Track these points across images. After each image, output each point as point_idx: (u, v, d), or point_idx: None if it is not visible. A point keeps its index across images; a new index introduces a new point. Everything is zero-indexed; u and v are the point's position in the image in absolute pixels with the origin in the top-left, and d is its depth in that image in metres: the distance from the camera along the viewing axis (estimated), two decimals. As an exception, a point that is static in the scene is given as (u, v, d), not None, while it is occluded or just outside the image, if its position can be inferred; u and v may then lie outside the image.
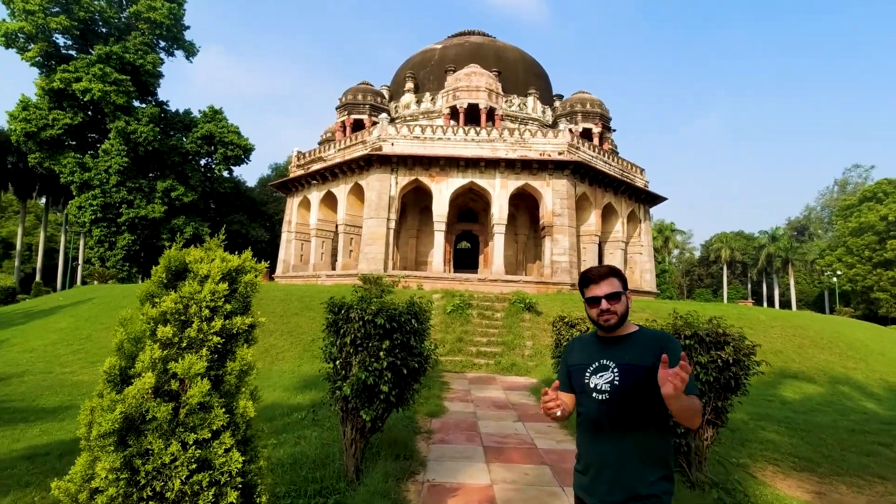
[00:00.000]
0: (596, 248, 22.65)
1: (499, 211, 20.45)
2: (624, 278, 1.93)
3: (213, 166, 35.64)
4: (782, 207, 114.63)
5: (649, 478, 1.74)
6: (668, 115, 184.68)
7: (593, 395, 1.83)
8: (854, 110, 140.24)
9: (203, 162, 35.62)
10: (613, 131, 27.43)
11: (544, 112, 27.03)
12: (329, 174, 23.16)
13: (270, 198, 43.50)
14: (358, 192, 22.19)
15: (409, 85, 27.07)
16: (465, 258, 24.98)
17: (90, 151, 31.90)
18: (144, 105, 32.46)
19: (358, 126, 25.73)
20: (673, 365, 1.59)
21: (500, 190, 20.62)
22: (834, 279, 45.55)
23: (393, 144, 21.23)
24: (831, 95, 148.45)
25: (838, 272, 44.78)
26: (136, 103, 31.89)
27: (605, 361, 1.84)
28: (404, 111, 26.79)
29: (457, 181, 20.72)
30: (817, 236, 62.27)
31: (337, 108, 27.02)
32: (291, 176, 25.98)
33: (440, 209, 20.60)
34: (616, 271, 1.92)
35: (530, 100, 26.44)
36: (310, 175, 24.16)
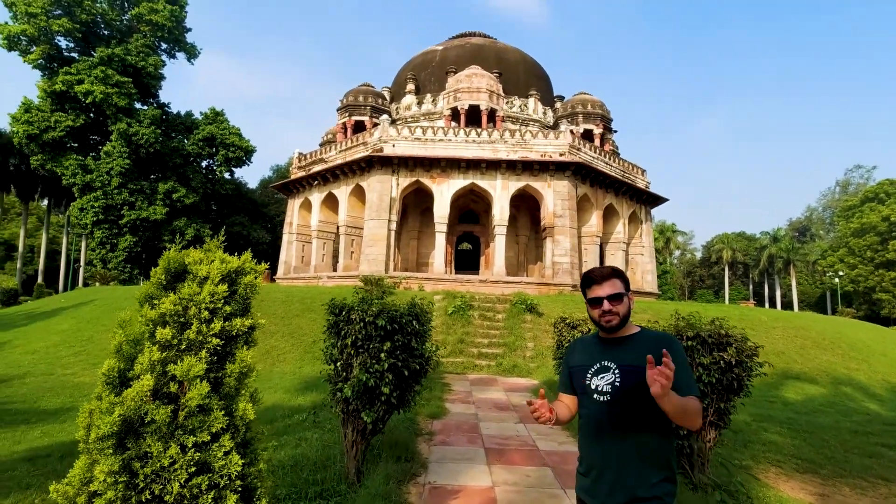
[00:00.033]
0: (597, 249, 22.63)
1: (500, 212, 20.44)
2: (626, 280, 1.92)
3: (215, 168, 35.70)
4: (784, 208, 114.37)
5: (651, 480, 1.73)
6: (669, 115, 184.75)
7: (594, 396, 1.83)
8: (855, 110, 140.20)
9: (204, 164, 35.70)
10: (614, 132, 27.42)
11: (545, 113, 27.03)
12: (330, 175, 23.16)
13: (272, 199, 43.52)
14: (359, 193, 22.20)
15: (410, 86, 27.09)
16: (467, 259, 24.94)
17: (92, 153, 31.98)
18: (146, 107, 32.54)
19: (359, 127, 25.74)
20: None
21: (501, 191, 20.61)
22: (836, 280, 45.40)
23: (394, 146, 21.23)
24: (832, 95, 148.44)
25: (840, 273, 44.65)
26: (138, 105, 31.99)
27: (607, 363, 1.84)
28: (405, 112, 26.81)
29: (458, 182, 20.72)
30: (819, 237, 62.12)
31: (338, 110, 27.03)
32: (292, 177, 26.00)
33: (441, 210, 20.60)
34: (618, 272, 1.91)
35: (531, 101, 26.44)
36: (311, 176, 24.18)
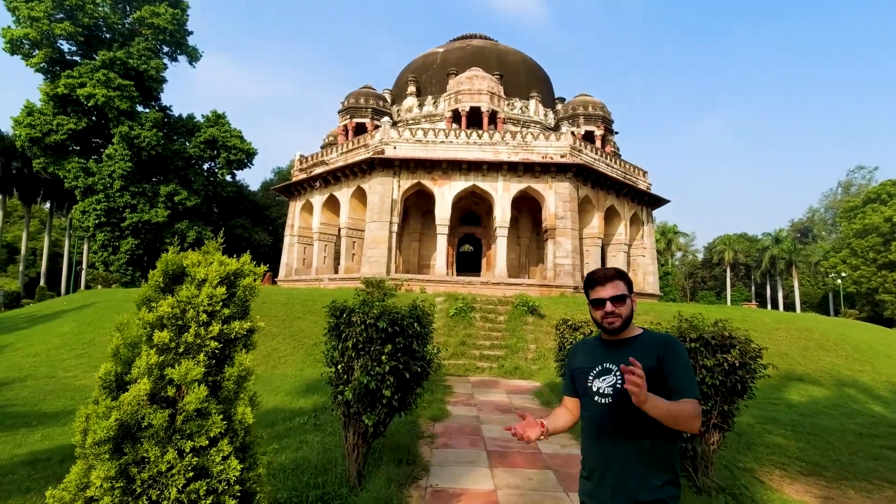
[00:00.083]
0: (599, 250, 22.60)
1: (501, 214, 20.42)
2: (630, 282, 1.91)
3: (216, 170, 35.75)
4: (785, 209, 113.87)
5: (654, 482, 1.71)
6: (670, 116, 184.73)
7: (596, 398, 1.81)
8: (857, 111, 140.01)
9: (206, 166, 35.74)
10: (616, 134, 27.38)
11: (546, 115, 27.02)
12: (331, 178, 23.17)
13: (273, 202, 43.55)
14: (360, 195, 22.20)
15: (412, 88, 27.11)
16: (468, 261, 24.91)
17: (94, 156, 32.03)
18: (148, 110, 32.59)
19: (360, 130, 25.76)
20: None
21: (502, 193, 20.59)
22: (838, 281, 45.25)
23: (395, 148, 21.24)
24: (834, 96, 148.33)
25: (843, 274, 44.49)
26: (140, 108, 32.04)
27: (609, 365, 1.82)
28: (406, 115, 26.83)
29: (459, 184, 20.71)
30: (821, 238, 61.96)
31: (339, 112, 27.06)
32: (294, 180, 26.03)
33: (443, 212, 20.58)
34: (622, 274, 1.90)
35: (532, 103, 26.44)
36: (312, 179, 24.20)
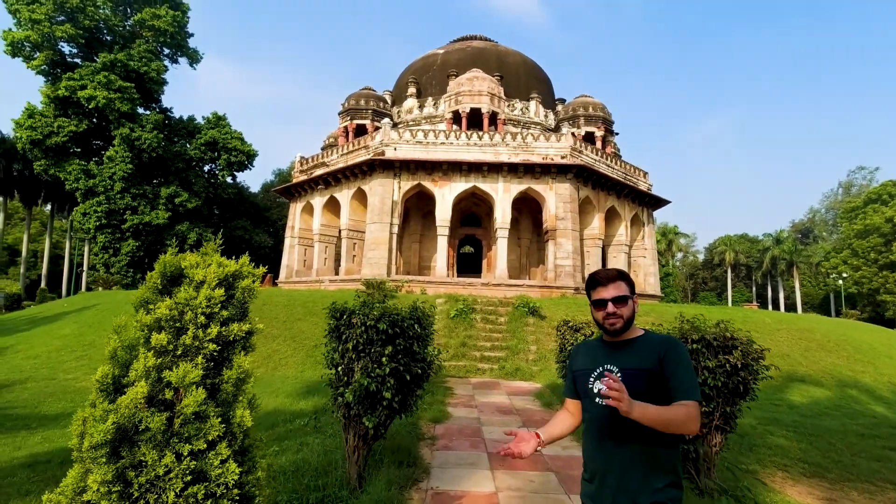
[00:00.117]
0: (599, 251, 22.57)
1: (502, 215, 20.41)
2: (632, 283, 1.90)
3: (217, 172, 35.80)
4: (786, 210, 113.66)
5: (655, 485, 1.69)
6: (671, 117, 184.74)
7: (597, 400, 1.79)
8: (858, 112, 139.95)
9: (207, 168, 35.79)
10: (616, 135, 27.37)
11: (546, 116, 27.02)
12: (332, 179, 23.18)
13: (274, 203, 43.58)
14: (361, 197, 22.20)
15: (412, 90, 27.13)
16: (469, 262, 24.90)
17: (95, 158, 32.09)
18: (149, 112, 32.65)
19: (361, 131, 25.78)
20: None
21: (503, 194, 20.58)
22: (839, 282, 45.17)
23: (396, 149, 21.24)
24: (834, 97, 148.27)
25: (844, 275, 44.44)
26: (141, 110, 32.09)
27: (610, 366, 1.81)
28: (407, 116, 26.84)
29: (460, 185, 20.70)
30: (822, 239, 61.89)
31: (339, 114, 27.07)
32: (294, 181, 26.02)
33: (443, 214, 20.57)
34: (624, 275, 1.88)
35: (532, 104, 26.45)
36: (313, 180, 24.20)
